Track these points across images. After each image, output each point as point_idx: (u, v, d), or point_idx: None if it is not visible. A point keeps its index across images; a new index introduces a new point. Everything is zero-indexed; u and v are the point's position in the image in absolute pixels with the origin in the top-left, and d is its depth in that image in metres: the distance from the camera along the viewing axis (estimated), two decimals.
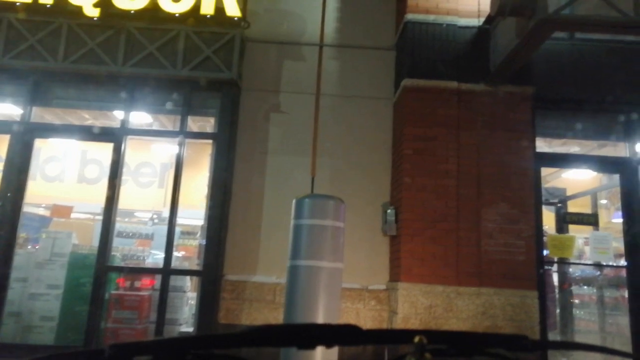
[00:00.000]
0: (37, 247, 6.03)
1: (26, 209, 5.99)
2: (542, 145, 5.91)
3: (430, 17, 5.50)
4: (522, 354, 0.86)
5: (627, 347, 5.04)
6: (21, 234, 5.96)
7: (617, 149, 5.81)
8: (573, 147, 6.63)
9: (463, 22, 5.52)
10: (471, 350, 0.85)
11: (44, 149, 8.93)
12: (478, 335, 0.97)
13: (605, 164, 5.85)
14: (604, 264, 5.76)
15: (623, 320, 5.57)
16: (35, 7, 5.53)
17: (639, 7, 3.99)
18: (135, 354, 0.73)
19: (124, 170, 5.98)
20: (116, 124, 5.79)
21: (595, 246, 5.30)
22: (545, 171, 6.60)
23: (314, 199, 3.44)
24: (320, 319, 3.07)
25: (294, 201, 3.51)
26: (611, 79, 5.48)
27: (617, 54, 5.49)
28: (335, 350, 3.40)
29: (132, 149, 6.08)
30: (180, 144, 5.70)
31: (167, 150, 8.89)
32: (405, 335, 0.80)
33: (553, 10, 4.07)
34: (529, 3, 4.25)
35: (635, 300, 5.18)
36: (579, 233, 6.55)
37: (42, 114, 6.35)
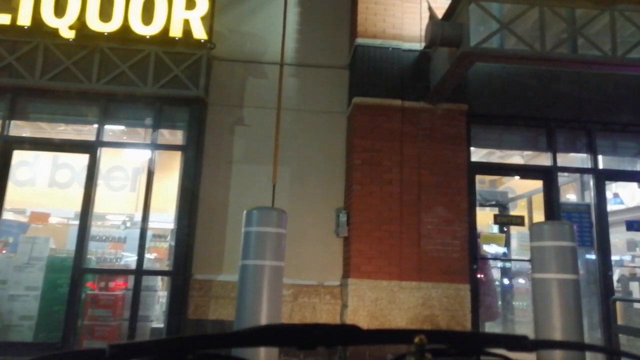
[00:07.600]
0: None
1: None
2: (476, 155, 6.62)
3: (378, 42, 6.14)
4: (522, 354, 0.85)
5: None
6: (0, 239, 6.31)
7: (542, 159, 6.58)
8: (504, 156, 7.38)
9: (407, 45, 6.17)
10: (471, 351, 0.85)
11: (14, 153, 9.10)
12: (478, 335, 1.04)
13: (531, 172, 6.65)
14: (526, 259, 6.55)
15: None
16: (14, 28, 5.90)
17: (544, 44, 4.73)
18: (135, 354, 0.73)
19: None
20: (91, 137, 6.17)
21: (521, 243, 6.06)
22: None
23: (260, 210, 4.05)
24: (265, 308, 3.69)
25: (244, 212, 4.09)
26: (536, 97, 6.25)
27: (540, 76, 6.26)
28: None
29: (104, 154, 6.45)
30: (152, 153, 6.16)
31: (138, 154, 9.19)
32: (405, 335, 0.79)
33: (474, 43, 4.77)
34: (455, 36, 4.94)
35: None
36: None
37: (20, 128, 6.69)
